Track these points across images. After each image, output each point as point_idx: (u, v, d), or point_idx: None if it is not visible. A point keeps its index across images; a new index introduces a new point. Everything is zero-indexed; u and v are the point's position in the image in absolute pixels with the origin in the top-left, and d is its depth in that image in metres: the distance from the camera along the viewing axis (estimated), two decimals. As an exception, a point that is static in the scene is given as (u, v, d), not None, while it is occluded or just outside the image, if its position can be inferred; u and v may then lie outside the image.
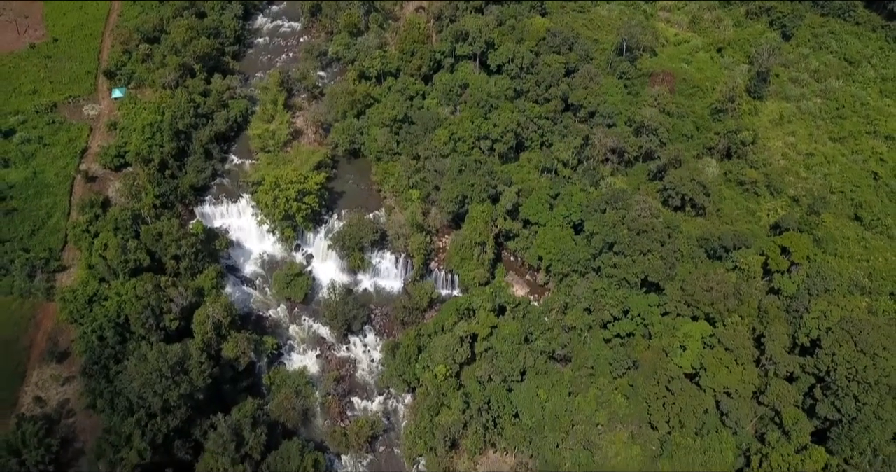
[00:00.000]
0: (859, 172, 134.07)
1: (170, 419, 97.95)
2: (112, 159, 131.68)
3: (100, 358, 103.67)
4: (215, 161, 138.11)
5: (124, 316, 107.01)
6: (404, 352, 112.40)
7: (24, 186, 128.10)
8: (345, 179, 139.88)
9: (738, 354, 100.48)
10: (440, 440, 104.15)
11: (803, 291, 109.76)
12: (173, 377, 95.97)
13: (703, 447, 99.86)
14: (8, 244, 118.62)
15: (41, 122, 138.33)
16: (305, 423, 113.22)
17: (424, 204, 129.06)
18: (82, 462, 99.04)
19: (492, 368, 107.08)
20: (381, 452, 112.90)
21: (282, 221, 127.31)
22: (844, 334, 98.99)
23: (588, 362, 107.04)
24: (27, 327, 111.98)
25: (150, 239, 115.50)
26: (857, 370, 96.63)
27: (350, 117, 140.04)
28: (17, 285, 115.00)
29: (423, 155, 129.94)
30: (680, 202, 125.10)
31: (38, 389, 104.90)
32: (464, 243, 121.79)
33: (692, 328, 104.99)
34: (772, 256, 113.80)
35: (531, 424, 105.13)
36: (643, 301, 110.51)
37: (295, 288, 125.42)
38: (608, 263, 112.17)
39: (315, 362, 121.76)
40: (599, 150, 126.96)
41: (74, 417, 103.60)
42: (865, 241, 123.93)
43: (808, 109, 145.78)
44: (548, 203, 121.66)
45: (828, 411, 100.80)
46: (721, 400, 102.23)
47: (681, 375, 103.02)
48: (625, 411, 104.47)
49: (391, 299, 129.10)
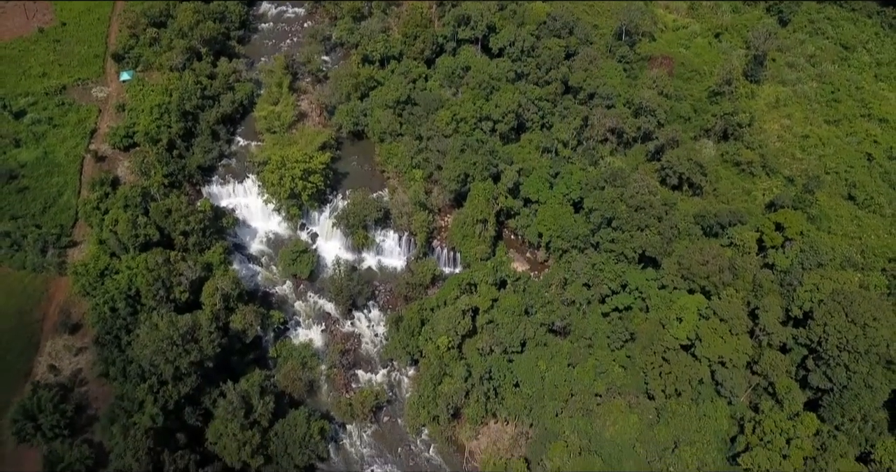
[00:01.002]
0: (853, 153, 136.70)
1: (181, 386, 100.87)
2: (121, 140, 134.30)
3: (112, 329, 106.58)
4: (222, 142, 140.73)
5: (135, 289, 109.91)
6: (407, 325, 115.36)
7: (35, 166, 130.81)
8: (349, 160, 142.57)
9: (732, 324, 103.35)
10: (443, 408, 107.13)
11: (796, 265, 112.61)
12: (184, 346, 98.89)
13: (698, 414, 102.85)
14: (20, 220, 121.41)
15: (51, 103, 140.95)
16: (311, 394, 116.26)
17: (427, 183, 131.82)
18: (95, 428, 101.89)
19: (493, 339, 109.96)
20: (384, 422, 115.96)
21: (287, 199, 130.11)
22: (836, 306, 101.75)
23: (587, 333, 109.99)
24: (40, 300, 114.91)
25: (159, 215, 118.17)
26: (847, 340, 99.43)
27: (354, 100, 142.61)
28: (29, 259, 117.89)
29: (426, 136, 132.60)
30: (677, 181, 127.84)
31: (52, 358, 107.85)
32: (466, 220, 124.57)
33: (688, 301, 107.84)
34: (766, 232, 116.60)
35: (531, 393, 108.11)
36: (641, 276, 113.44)
37: (300, 265, 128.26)
38: (606, 238, 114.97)
39: (320, 336, 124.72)
40: (598, 130, 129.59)
41: (87, 385, 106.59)
42: (858, 219, 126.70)
43: (804, 93, 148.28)
44: (548, 182, 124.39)
45: (819, 380, 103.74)
46: (716, 370, 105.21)
47: (677, 346, 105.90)
48: (622, 381, 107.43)
49: (394, 277, 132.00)
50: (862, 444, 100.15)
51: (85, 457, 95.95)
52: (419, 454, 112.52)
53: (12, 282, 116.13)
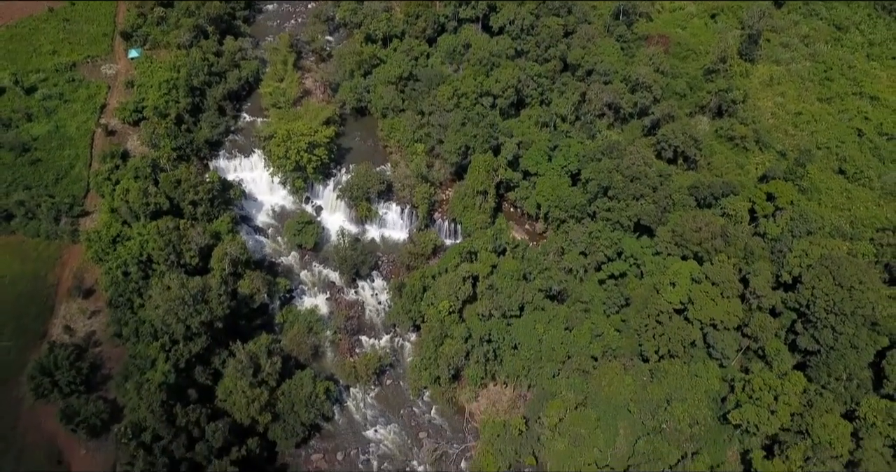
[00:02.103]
0: (845, 129, 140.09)
1: (191, 345, 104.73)
2: (130, 114, 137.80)
3: (124, 292, 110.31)
4: (228, 118, 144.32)
5: (146, 254, 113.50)
6: (410, 291, 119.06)
7: (47, 139, 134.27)
8: (352, 136, 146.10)
9: (723, 288, 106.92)
10: (444, 369, 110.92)
11: (787, 233, 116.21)
12: (194, 306, 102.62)
13: (690, 374, 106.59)
14: (34, 190, 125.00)
15: (61, 80, 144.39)
16: (316, 358, 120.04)
17: (429, 157, 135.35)
18: (109, 386, 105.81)
19: (492, 304, 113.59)
20: (387, 384, 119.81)
21: (293, 172, 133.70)
22: (824, 270, 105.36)
23: (583, 298, 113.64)
24: (54, 266, 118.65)
25: (168, 186, 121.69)
26: (834, 303, 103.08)
27: (357, 77, 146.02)
28: (43, 228, 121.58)
29: (428, 111, 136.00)
30: (672, 154, 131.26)
31: (67, 321, 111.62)
32: (466, 192, 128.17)
33: (682, 267, 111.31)
34: (758, 202, 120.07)
35: (529, 355, 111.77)
36: (636, 243, 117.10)
37: (305, 235, 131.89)
38: (603, 207, 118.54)
39: (325, 304, 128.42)
40: (596, 105, 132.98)
41: (101, 346, 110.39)
42: (848, 191, 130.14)
43: (798, 72, 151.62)
44: (546, 154, 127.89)
45: (807, 342, 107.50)
46: (708, 332, 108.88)
47: (670, 309, 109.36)
48: (617, 344, 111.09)
49: (397, 248, 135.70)
50: (847, 402, 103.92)
51: (100, 411, 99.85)
52: (421, 415, 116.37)
53: (27, 249, 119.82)
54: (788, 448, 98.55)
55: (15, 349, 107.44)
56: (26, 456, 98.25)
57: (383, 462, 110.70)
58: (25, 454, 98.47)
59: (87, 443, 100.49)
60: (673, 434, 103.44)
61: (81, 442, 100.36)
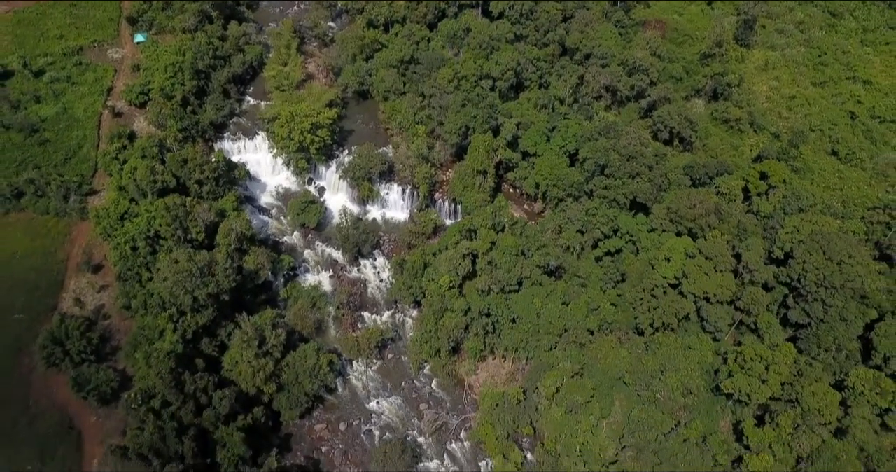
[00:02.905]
0: (838, 112, 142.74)
1: (198, 317, 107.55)
2: (137, 96, 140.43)
3: (133, 266, 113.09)
4: (233, 101, 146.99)
5: (154, 230, 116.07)
6: (411, 267, 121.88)
7: (56, 120, 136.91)
8: (354, 119, 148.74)
9: (716, 262, 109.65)
10: (444, 341, 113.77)
11: (779, 210, 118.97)
12: (202, 278, 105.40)
13: (684, 345, 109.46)
14: (43, 169, 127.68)
15: (69, 63, 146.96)
16: (320, 333, 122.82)
17: (429, 139, 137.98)
18: (118, 357, 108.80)
19: (491, 279, 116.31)
20: (389, 358, 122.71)
21: (296, 152, 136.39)
22: (814, 245, 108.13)
23: (580, 272, 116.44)
24: (63, 242, 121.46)
25: (175, 165, 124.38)
26: (824, 276, 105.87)
27: (359, 61, 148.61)
28: (52, 205, 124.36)
29: (429, 93, 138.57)
30: (668, 135, 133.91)
31: (77, 294, 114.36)
32: (466, 172, 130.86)
33: (676, 243, 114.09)
34: (751, 180, 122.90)
35: (527, 329, 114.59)
36: (632, 221, 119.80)
37: (309, 215, 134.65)
38: (600, 185, 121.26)
39: (328, 281, 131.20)
40: (593, 86, 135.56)
41: (110, 319, 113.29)
42: (840, 172, 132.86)
43: (792, 57, 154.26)
44: (545, 135, 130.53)
45: (798, 316, 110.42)
46: (701, 306, 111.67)
47: (665, 284, 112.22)
48: (613, 317, 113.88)
49: (398, 228, 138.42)
50: (837, 372, 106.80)
51: (110, 380, 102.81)
52: (422, 388, 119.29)
53: (37, 225, 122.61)
54: (778, 416, 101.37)
55: (27, 321, 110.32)
56: (39, 422, 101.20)
57: (385, 433, 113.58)
58: (38, 420, 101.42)
59: (97, 410, 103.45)
60: (667, 403, 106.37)
61: (92, 409, 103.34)
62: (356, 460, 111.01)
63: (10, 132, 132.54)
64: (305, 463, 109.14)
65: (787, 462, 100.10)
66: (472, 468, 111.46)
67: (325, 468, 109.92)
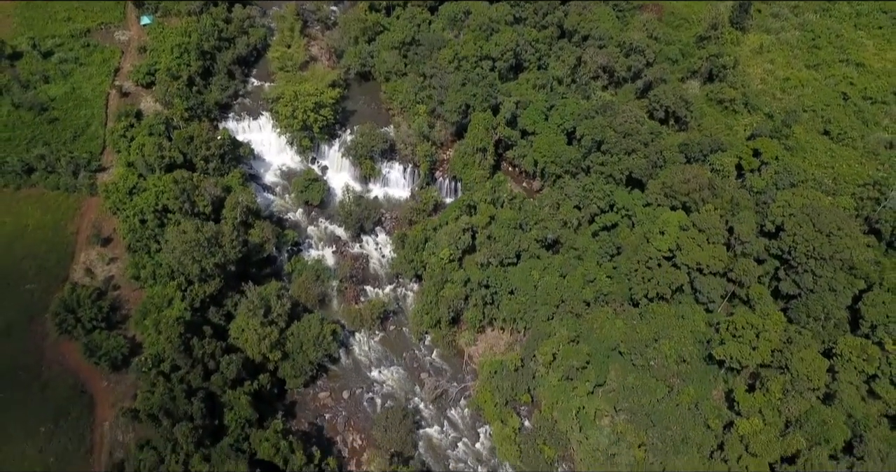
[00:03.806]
0: (830, 93, 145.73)
1: (206, 286, 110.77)
2: (144, 76, 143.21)
3: (142, 238, 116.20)
4: (237, 82, 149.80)
5: (162, 204, 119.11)
6: (412, 241, 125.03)
7: (64, 100, 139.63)
8: (356, 100, 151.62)
9: (709, 234, 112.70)
10: (444, 312, 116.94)
11: (771, 186, 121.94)
12: (209, 248, 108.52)
13: (677, 315, 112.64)
14: (52, 146, 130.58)
15: (76, 45, 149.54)
16: (323, 306, 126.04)
17: (430, 118, 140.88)
18: (128, 325, 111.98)
19: (490, 252, 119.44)
20: (390, 330, 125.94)
21: (299, 131, 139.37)
22: (805, 218, 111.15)
23: (577, 245, 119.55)
24: (74, 216, 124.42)
25: (181, 142, 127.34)
26: (814, 248, 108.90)
27: (361, 43, 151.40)
28: (62, 181, 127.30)
29: (429, 73, 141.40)
30: (664, 115, 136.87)
31: (87, 265, 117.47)
32: (466, 150, 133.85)
33: (671, 216, 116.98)
34: (744, 157, 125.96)
35: (525, 300, 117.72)
36: (628, 196, 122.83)
37: (312, 192, 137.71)
38: (597, 161, 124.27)
39: (331, 256, 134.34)
40: (591, 66, 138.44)
41: (119, 290, 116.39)
42: (832, 151, 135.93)
43: (787, 40, 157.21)
44: (543, 114, 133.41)
45: (789, 287, 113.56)
46: (695, 277, 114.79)
47: (659, 256, 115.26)
48: (609, 289, 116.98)
49: (399, 206, 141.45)
50: (825, 341, 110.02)
51: (121, 346, 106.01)
52: (422, 358, 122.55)
53: (48, 200, 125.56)
54: (768, 382, 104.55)
55: (38, 291, 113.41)
56: (52, 386, 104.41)
57: (387, 400, 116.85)
58: (51, 384, 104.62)
59: (108, 376, 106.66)
60: (661, 371, 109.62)
61: (103, 375, 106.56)
62: (359, 426, 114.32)
63: (20, 111, 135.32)
64: (309, 429, 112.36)
65: (777, 426, 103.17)
66: (472, 435, 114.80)
67: (329, 434, 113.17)
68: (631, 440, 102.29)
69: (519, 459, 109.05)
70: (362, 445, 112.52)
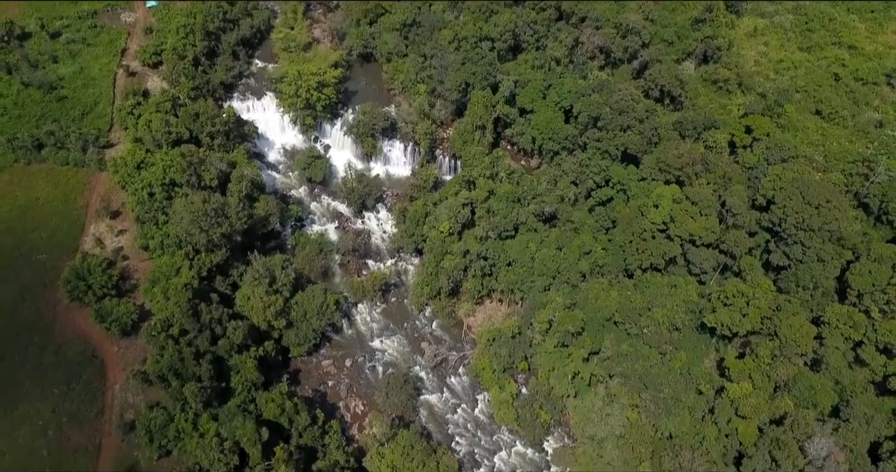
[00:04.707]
0: (822, 74, 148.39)
1: (213, 256, 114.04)
2: (150, 56, 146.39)
3: (150, 210, 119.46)
4: (241, 62, 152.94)
5: (169, 178, 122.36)
6: (413, 215, 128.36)
7: (73, 79, 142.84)
8: (358, 81, 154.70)
9: (702, 206, 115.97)
10: (444, 282, 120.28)
11: (762, 161, 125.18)
12: (216, 218, 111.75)
13: (670, 283, 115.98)
14: (62, 123, 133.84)
15: (84, 26, 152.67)
16: (326, 278, 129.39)
17: (430, 98, 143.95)
18: (138, 294, 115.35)
19: (489, 225, 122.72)
20: (392, 302, 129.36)
21: (303, 110, 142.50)
22: (794, 191, 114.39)
23: (573, 218, 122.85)
24: (83, 190, 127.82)
25: (188, 118, 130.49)
26: (803, 219, 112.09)
27: (364, 25, 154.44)
28: (72, 156, 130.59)
29: (430, 54, 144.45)
30: (659, 94, 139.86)
31: (97, 236, 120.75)
32: (466, 127, 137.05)
33: (664, 190, 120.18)
34: (737, 134, 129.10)
35: (522, 271, 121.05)
36: (623, 171, 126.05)
37: (315, 169, 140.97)
38: (593, 137, 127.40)
39: (334, 232, 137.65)
40: (588, 47, 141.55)
41: (128, 260, 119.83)
42: (823, 129, 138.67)
43: (781, 24, 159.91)
44: (541, 93, 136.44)
45: (779, 259, 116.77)
46: (687, 249, 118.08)
47: (653, 228, 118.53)
48: (604, 260, 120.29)
49: (400, 184, 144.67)
50: (814, 309, 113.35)
51: (131, 312, 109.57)
52: (422, 328, 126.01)
53: (58, 175, 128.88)
54: (758, 347, 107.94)
55: (50, 261, 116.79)
56: (64, 351, 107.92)
57: (388, 368, 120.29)
58: (63, 349, 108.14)
59: (118, 341, 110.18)
60: (654, 338, 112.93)
61: (113, 340, 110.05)
62: (361, 393, 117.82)
63: (29, 89, 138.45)
64: (313, 396, 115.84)
65: (766, 390, 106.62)
66: (471, 401, 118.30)
67: (332, 400, 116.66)
68: (624, 401, 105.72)
69: (516, 422, 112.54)
70: (364, 410, 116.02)
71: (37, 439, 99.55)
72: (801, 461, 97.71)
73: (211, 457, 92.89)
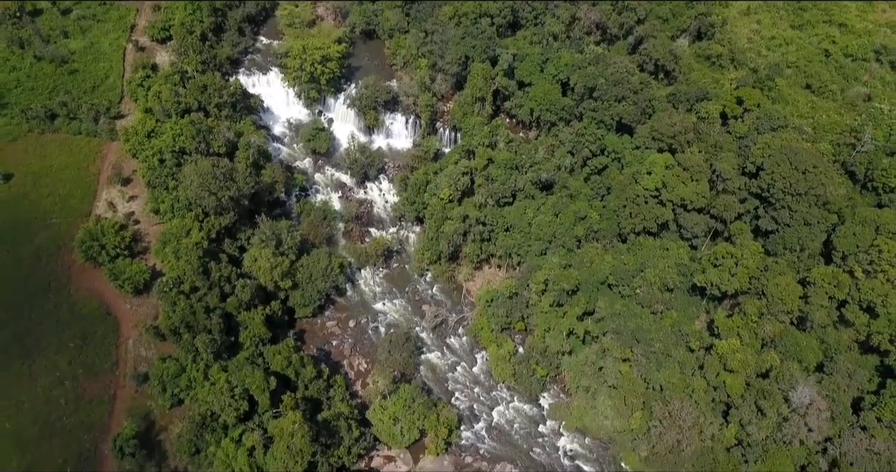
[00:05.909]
0: (813, 50, 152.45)
1: (221, 219, 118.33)
2: (159, 32, 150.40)
3: (160, 175, 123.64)
4: (247, 39, 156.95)
5: (179, 146, 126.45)
6: (414, 183, 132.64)
7: (83, 53, 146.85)
8: (361, 57, 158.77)
9: (693, 172, 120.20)
10: (444, 246, 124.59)
11: (753, 131, 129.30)
12: (224, 182, 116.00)
13: (662, 246, 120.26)
14: (73, 94, 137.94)
15: (93, 3, 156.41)
16: (330, 244, 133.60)
17: (431, 72, 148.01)
18: (149, 255, 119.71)
19: (488, 192, 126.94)
20: (394, 267, 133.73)
21: (307, 83, 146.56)
22: (782, 157, 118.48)
23: (569, 185, 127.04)
24: (95, 158, 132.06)
25: (196, 90, 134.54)
26: (791, 184, 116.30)
27: (366, 2, 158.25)
28: (84, 127, 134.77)
29: (431, 30, 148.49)
30: (654, 68, 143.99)
31: (109, 201, 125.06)
32: (466, 100, 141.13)
33: (657, 158, 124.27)
34: (728, 105, 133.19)
35: (520, 236, 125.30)
36: (618, 140, 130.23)
37: (319, 141, 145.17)
38: (588, 107, 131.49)
39: (338, 201, 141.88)
40: (584, 22, 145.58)
41: (140, 224, 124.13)
42: (813, 102, 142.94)
43: (773, 2, 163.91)
44: (539, 66, 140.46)
45: (767, 224, 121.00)
46: (679, 214, 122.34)
47: (646, 194, 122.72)
48: (599, 225, 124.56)
49: (402, 156, 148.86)
50: (800, 270, 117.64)
51: (143, 271, 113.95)
52: (423, 292, 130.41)
53: (71, 144, 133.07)
54: (745, 305, 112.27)
55: (64, 225, 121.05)
56: (79, 308, 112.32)
57: (390, 329, 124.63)
58: (78, 306, 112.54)
59: (131, 300, 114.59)
60: (646, 298, 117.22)
61: (126, 298, 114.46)
62: (364, 352, 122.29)
63: (42, 62, 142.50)
64: (318, 354, 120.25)
65: (753, 346, 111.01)
66: (470, 359, 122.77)
67: (336, 358, 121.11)
68: (616, 355, 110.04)
69: (513, 379, 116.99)
70: (367, 369, 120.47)
71: (55, 389, 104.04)
72: (785, 409, 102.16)
73: (222, 402, 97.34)
